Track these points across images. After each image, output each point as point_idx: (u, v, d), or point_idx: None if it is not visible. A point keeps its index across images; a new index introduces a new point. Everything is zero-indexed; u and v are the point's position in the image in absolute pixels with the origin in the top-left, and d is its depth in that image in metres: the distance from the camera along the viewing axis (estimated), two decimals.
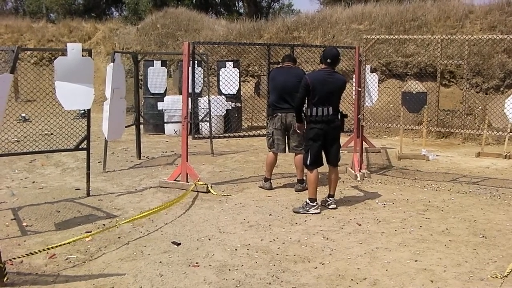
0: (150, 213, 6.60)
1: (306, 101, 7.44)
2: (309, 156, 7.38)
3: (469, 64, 13.39)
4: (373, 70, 12.77)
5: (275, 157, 8.53)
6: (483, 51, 14.59)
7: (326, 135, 7.36)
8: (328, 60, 7.35)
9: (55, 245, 5.56)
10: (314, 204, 7.30)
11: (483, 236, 6.29)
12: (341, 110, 7.55)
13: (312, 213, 7.20)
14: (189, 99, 8.75)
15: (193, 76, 8.73)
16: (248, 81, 18.00)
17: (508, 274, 5.10)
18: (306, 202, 7.35)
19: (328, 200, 7.59)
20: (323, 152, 7.51)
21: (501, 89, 14.31)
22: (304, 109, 7.50)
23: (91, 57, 7.59)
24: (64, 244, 5.56)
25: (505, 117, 11.32)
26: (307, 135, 7.46)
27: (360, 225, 6.69)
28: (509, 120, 11.28)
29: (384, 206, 7.59)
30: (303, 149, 8.17)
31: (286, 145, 8.50)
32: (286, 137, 8.41)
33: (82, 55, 7.27)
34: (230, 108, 13.43)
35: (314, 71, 8.56)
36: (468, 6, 16.92)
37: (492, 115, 11.76)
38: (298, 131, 7.80)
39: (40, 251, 5.42)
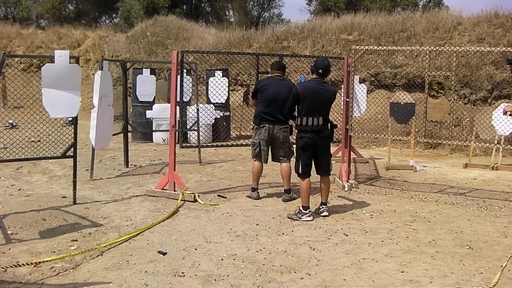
0: (137, 234, 6.59)
1: (296, 110, 7.49)
2: (300, 165, 7.45)
3: (457, 76, 13.47)
4: (361, 81, 12.80)
5: (261, 166, 8.53)
6: (471, 62, 14.67)
7: (316, 145, 7.43)
8: (320, 71, 7.44)
9: (44, 260, 5.54)
10: (307, 212, 7.35)
11: (470, 248, 6.30)
12: (331, 120, 7.61)
13: (305, 220, 7.24)
14: (177, 107, 8.73)
15: (181, 85, 8.71)
16: (237, 90, 17.99)
17: (494, 286, 5.10)
18: (299, 209, 7.40)
19: (321, 207, 7.65)
20: (313, 162, 7.56)
21: (489, 100, 14.39)
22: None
23: (78, 64, 7.54)
24: (54, 259, 5.57)
25: (493, 129, 11.39)
26: (297, 144, 7.54)
27: (347, 235, 6.68)
28: (496, 131, 11.35)
29: (371, 217, 7.59)
30: (289, 159, 8.24)
31: (270, 155, 8.54)
32: (271, 147, 8.44)
33: (70, 62, 7.22)
34: (219, 117, 13.43)
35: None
36: (456, 18, 17.01)
37: (479, 126, 11.83)
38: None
39: (28, 264, 5.39)
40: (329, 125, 7.56)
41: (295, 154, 7.72)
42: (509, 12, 16.10)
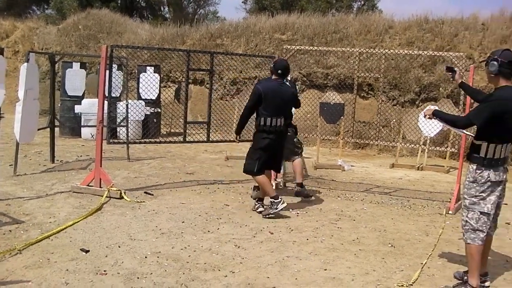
0: (59, 230, 6.43)
1: (257, 110, 7.51)
2: (257, 165, 7.46)
3: (386, 78, 13.76)
4: (294, 80, 12.89)
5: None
6: (401, 65, 14.99)
7: (275, 144, 7.51)
8: (279, 71, 7.52)
9: None
10: (279, 200, 7.37)
11: (392, 246, 6.44)
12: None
13: (281, 208, 7.32)
14: (106, 102, 8.58)
15: (110, 80, 8.56)
16: (169, 87, 17.84)
17: (413, 283, 5.23)
18: (270, 202, 7.40)
19: (257, 204, 7.73)
20: None
21: (417, 102, 14.71)
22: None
23: (3, 55, 7.30)
24: None
25: (419, 130, 11.68)
26: (258, 144, 7.52)
27: (272, 233, 6.70)
28: (422, 133, 11.65)
29: (297, 215, 7.65)
30: (298, 154, 8.79)
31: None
32: None
33: None
34: (149, 113, 13.29)
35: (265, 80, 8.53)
36: (388, 22, 17.38)
37: (406, 127, 12.10)
38: (237, 141, 7.91)
39: None
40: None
41: (251, 154, 7.65)
42: (439, 18, 16.57)
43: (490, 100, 5.04)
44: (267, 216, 7.38)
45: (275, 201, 7.37)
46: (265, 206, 7.55)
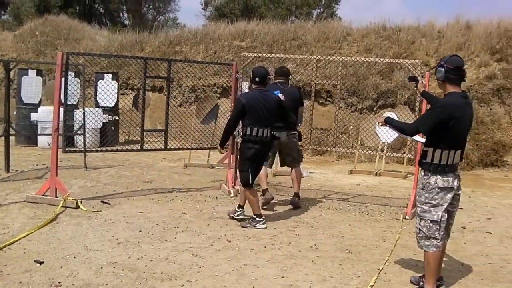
0: (12, 242, 6.30)
1: (242, 121, 7.51)
2: (250, 176, 7.42)
3: (344, 85, 13.88)
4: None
5: (265, 172, 8.56)
6: (359, 72, 15.13)
7: (260, 154, 7.50)
8: (257, 79, 7.47)
9: None
10: (261, 219, 7.36)
11: (349, 252, 6.46)
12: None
13: (259, 228, 7.27)
14: (62, 110, 8.45)
15: (66, 87, 8.44)
16: (127, 94, 17.71)
17: None
18: (252, 217, 7.38)
19: (238, 210, 7.69)
20: None
21: (375, 109, 14.85)
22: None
23: None
24: None
25: (376, 136, 11.80)
26: (245, 154, 7.48)
27: (230, 241, 6.67)
28: (380, 139, 11.77)
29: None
30: (299, 163, 8.75)
31: (277, 160, 8.95)
32: (280, 153, 8.70)
33: None
34: (107, 121, 13.14)
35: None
36: (346, 29, 17.56)
37: (364, 134, 12.20)
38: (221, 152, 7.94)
39: None
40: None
41: (240, 164, 7.71)
42: (396, 25, 16.80)
43: (436, 107, 5.13)
44: (242, 226, 7.36)
45: (258, 219, 7.37)
46: (246, 219, 7.51)
